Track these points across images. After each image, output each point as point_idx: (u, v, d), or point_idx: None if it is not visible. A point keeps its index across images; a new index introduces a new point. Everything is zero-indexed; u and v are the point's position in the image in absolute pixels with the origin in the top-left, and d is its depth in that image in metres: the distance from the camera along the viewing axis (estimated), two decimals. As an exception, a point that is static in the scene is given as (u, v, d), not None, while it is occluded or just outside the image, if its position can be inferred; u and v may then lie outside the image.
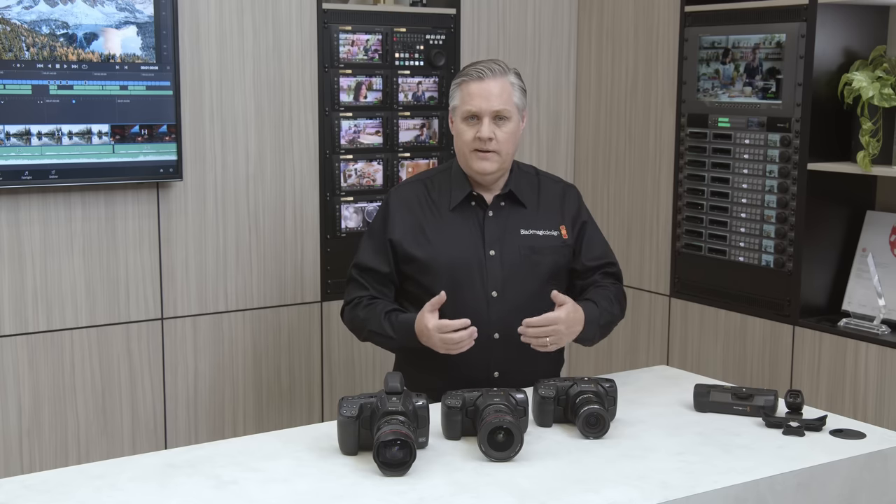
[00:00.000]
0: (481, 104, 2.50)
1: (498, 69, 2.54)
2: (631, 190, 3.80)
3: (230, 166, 3.32)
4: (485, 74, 2.51)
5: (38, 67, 2.94)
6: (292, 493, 1.87)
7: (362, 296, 2.60)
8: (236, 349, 3.40)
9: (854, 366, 3.05)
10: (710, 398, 2.32)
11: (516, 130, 2.55)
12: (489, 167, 2.52)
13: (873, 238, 3.17)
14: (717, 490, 1.90)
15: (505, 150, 2.53)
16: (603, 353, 3.93)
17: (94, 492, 1.88)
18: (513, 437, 2.00)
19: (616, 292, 2.64)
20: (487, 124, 2.50)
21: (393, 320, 2.53)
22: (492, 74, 2.52)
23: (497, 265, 2.54)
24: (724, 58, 3.37)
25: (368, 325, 2.57)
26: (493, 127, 2.50)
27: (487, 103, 2.50)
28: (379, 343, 2.61)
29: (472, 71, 2.54)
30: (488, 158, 2.51)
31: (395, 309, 2.56)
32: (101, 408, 3.20)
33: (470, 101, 2.51)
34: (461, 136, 2.55)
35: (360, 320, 2.59)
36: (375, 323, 2.55)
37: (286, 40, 3.37)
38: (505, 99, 2.51)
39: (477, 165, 2.53)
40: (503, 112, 2.51)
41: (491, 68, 2.53)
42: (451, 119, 2.60)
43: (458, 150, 2.58)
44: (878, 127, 2.98)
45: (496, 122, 2.51)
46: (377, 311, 2.55)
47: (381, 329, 2.54)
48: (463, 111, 2.53)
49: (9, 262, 3.03)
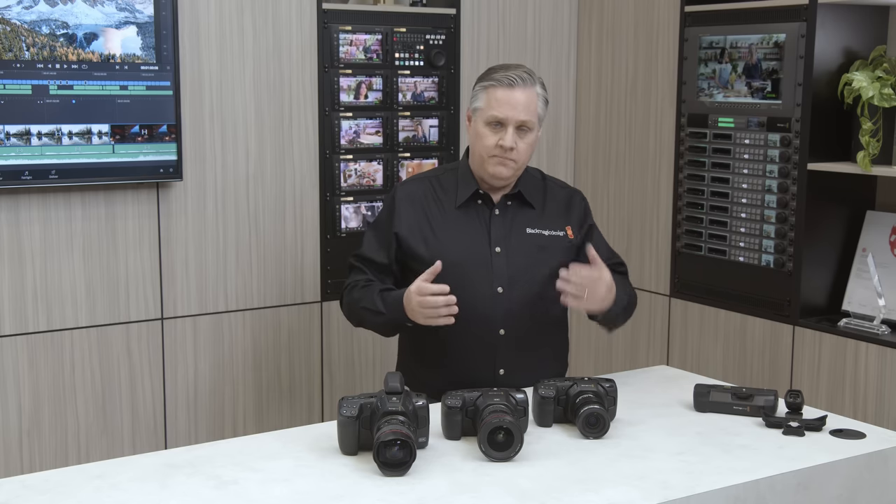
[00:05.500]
0: (508, 112, 2.49)
1: (528, 78, 2.52)
2: (631, 190, 3.80)
3: (230, 166, 3.32)
4: (515, 83, 2.49)
5: (38, 67, 2.94)
6: (292, 493, 1.87)
7: (359, 279, 2.61)
8: (236, 349, 3.40)
9: (854, 366, 3.05)
10: (710, 398, 2.32)
11: (535, 141, 2.56)
12: (505, 173, 2.53)
13: (873, 238, 3.18)
14: (717, 490, 1.90)
15: (523, 159, 2.54)
16: (603, 353, 3.93)
17: (94, 492, 1.88)
18: (513, 437, 2.00)
19: (630, 290, 2.65)
20: (511, 133, 2.49)
21: (385, 296, 2.53)
22: (521, 84, 2.50)
23: (503, 262, 2.55)
24: (724, 58, 3.37)
25: (361, 303, 2.56)
26: (516, 137, 2.50)
27: (514, 112, 2.48)
28: (370, 322, 2.59)
29: (503, 77, 2.51)
30: (506, 165, 2.52)
31: (389, 288, 2.56)
32: (101, 408, 3.20)
33: (497, 107, 2.49)
34: (482, 139, 2.53)
35: (355, 300, 2.59)
36: (368, 300, 2.55)
37: (286, 40, 3.37)
38: (531, 110, 2.50)
39: (494, 170, 2.53)
40: (527, 123, 2.50)
41: (522, 77, 2.51)
42: (469, 116, 2.59)
43: (475, 152, 2.57)
44: (878, 127, 2.98)
45: (518, 132, 2.50)
46: (371, 290, 2.56)
47: (372, 305, 2.53)
48: (488, 116, 2.51)
49: (9, 262, 3.03)
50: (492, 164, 2.53)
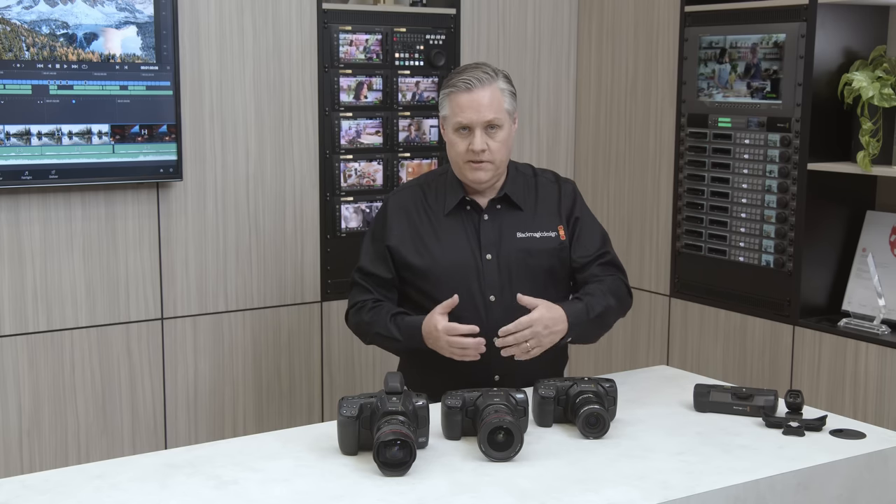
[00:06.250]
0: (472, 116, 2.47)
1: (486, 77, 2.49)
2: (631, 190, 3.80)
3: (230, 166, 3.32)
4: (473, 85, 2.47)
5: (38, 67, 2.94)
6: (292, 493, 1.87)
7: (366, 299, 2.59)
8: (236, 349, 3.40)
9: (854, 366, 3.05)
10: (710, 398, 2.32)
11: (508, 136, 2.53)
12: (483, 177, 2.51)
13: (873, 238, 3.18)
14: (717, 490, 1.90)
15: (499, 157, 2.51)
16: (603, 353, 3.93)
17: (94, 492, 1.88)
18: (513, 437, 2.00)
19: (611, 284, 2.58)
20: (479, 136, 2.47)
21: (399, 322, 2.52)
22: (480, 84, 2.47)
23: (494, 269, 2.54)
24: (724, 58, 3.37)
25: (374, 328, 2.56)
26: (486, 138, 2.48)
27: (478, 115, 2.46)
28: (384, 346, 2.60)
29: (460, 82, 2.49)
30: (482, 168, 2.50)
31: (401, 312, 2.55)
32: (101, 408, 3.20)
33: (460, 113, 2.48)
34: (453, 147, 2.52)
35: (366, 324, 2.58)
36: (381, 325, 2.54)
37: (286, 40, 3.37)
38: (496, 108, 2.48)
39: (471, 176, 2.51)
40: (494, 121, 2.48)
41: (479, 77, 2.48)
42: (443, 127, 2.58)
43: (452, 160, 2.56)
44: (878, 127, 2.98)
45: (488, 133, 2.48)
46: (382, 314, 2.54)
47: (387, 332, 2.53)
48: (454, 123, 2.50)
49: (9, 262, 3.03)
50: (469, 171, 2.51)
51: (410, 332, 2.49)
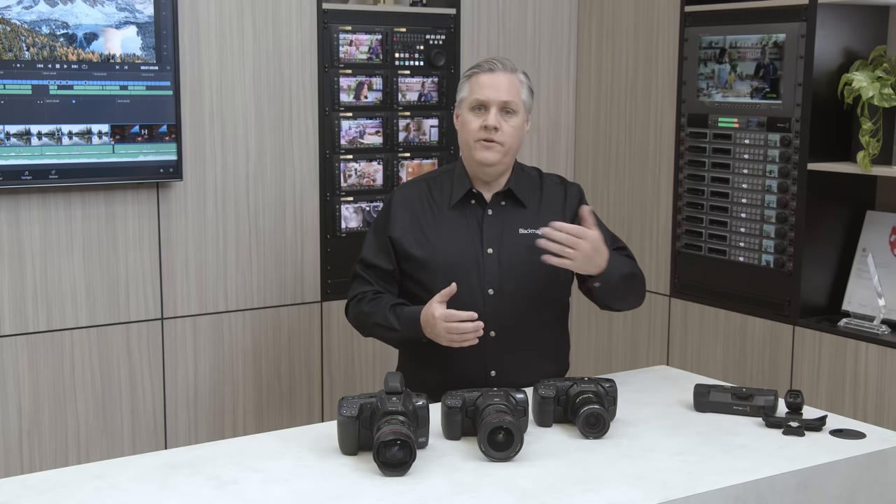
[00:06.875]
0: (490, 94, 2.53)
1: (509, 65, 2.59)
2: (631, 190, 3.80)
3: (230, 166, 3.32)
4: (496, 67, 2.56)
5: (38, 67, 2.94)
6: (292, 493, 1.87)
7: (366, 291, 2.61)
8: (236, 349, 3.40)
9: (854, 366, 3.05)
10: (710, 398, 2.32)
11: (521, 127, 2.57)
12: (492, 157, 2.53)
13: (873, 238, 3.17)
14: (717, 490, 1.90)
15: (509, 143, 2.54)
16: (603, 353, 3.93)
17: (94, 492, 1.88)
18: (513, 437, 2.00)
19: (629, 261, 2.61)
20: (494, 113, 2.52)
21: (398, 313, 2.53)
22: (503, 68, 2.56)
23: (494, 263, 2.55)
24: (724, 58, 3.37)
25: (373, 319, 2.57)
26: (500, 118, 2.53)
27: (496, 94, 2.53)
28: (382, 337, 2.61)
29: (484, 63, 2.59)
30: (492, 148, 2.52)
31: (400, 303, 2.57)
32: (101, 408, 3.20)
33: (479, 90, 2.54)
34: (467, 125, 2.56)
35: (365, 314, 2.59)
36: (380, 316, 2.55)
37: (286, 40, 3.37)
38: (514, 92, 2.55)
39: (480, 155, 2.53)
40: (511, 105, 2.53)
41: (502, 62, 2.58)
42: (457, 113, 2.62)
43: (463, 142, 2.59)
44: (878, 127, 2.98)
45: (503, 115, 2.53)
46: (382, 305, 2.56)
47: (385, 321, 2.54)
48: (471, 101, 2.55)
49: (9, 262, 3.03)
50: (478, 150, 2.53)
51: (409, 322, 2.50)
